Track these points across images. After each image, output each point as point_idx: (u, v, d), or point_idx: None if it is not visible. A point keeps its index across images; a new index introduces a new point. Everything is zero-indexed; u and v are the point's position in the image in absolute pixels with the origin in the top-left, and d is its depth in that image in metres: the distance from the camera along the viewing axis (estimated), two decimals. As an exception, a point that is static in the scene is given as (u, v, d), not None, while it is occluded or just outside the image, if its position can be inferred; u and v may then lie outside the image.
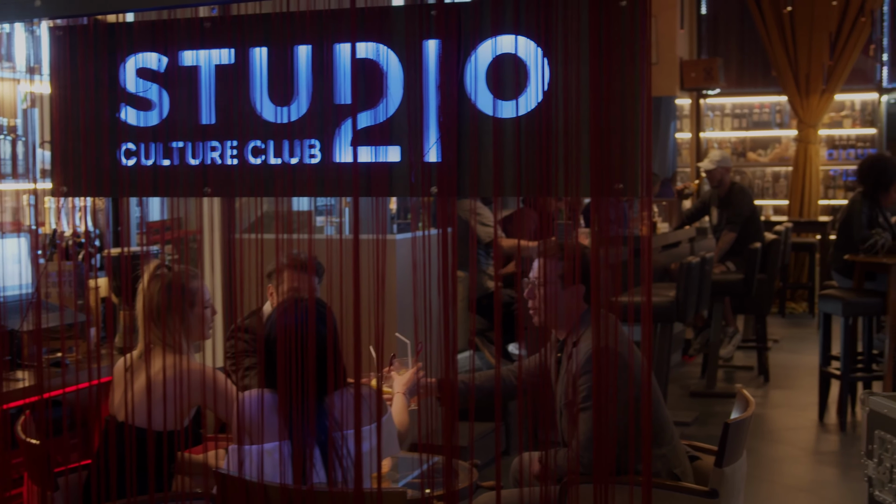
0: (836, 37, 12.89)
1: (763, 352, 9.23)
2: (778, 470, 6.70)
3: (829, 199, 13.57)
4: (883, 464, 3.19)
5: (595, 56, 2.59)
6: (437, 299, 2.74)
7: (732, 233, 9.14)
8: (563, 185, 2.65)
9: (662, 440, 3.90)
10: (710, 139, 13.88)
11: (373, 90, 2.78)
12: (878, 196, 7.90)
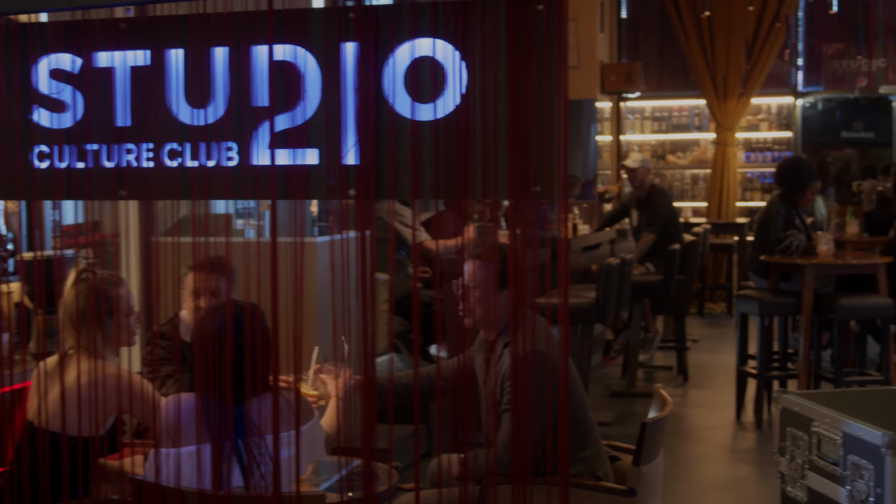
0: (753, 41, 13.09)
1: (682, 352, 9.34)
2: (696, 468, 6.79)
3: (747, 201, 13.78)
4: (795, 460, 3.24)
5: (512, 59, 2.61)
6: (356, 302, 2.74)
7: (652, 234, 9.24)
8: (481, 188, 2.66)
9: (587, 443, 3.93)
10: (630, 142, 14.03)
11: (290, 92, 2.77)
12: (795, 198, 8.03)
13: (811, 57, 13.72)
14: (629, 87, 12.96)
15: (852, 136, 15.25)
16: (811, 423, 3.17)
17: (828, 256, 7.63)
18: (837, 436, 3.04)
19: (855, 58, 13.47)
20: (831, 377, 7.56)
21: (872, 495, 2.89)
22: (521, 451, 2.74)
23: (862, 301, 7.49)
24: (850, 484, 2.97)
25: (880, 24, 13.59)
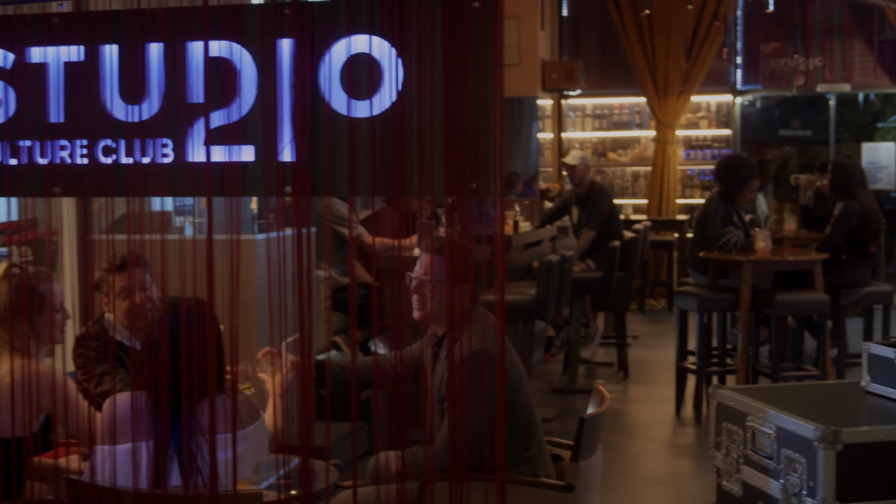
0: (692, 40, 13.20)
1: (623, 348, 9.40)
2: (636, 463, 6.84)
3: (687, 198, 13.89)
4: (730, 455, 3.28)
5: (448, 57, 2.61)
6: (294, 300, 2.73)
7: (592, 231, 9.29)
8: (418, 185, 2.66)
9: (530, 443, 3.94)
10: (571, 139, 14.09)
11: (226, 89, 2.75)
12: (734, 195, 8.11)
13: (750, 55, 13.86)
14: (570, 84, 13.02)
15: (790, 134, 15.44)
16: (746, 418, 3.20)
17: (765, 253, 7.72)
18: (771, 430, 3.07)
19: (792, 56, 13.62)
20: (769, 372, 7.65)
21: (805, 488, 2.92)
22: (459, 448, 2.74)
23: (799, 297, 7.58)
24: (783, 477, 3.01)
25: (817, 24, 13.76)
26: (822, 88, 13.68)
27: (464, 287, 3.92)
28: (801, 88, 13.74)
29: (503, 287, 2.65)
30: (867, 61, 13.73)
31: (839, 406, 3.35)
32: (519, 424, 3.86)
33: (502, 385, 2.70)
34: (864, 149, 14.48)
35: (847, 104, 15.56)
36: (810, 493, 2.90)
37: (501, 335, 2.70)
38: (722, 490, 3.35)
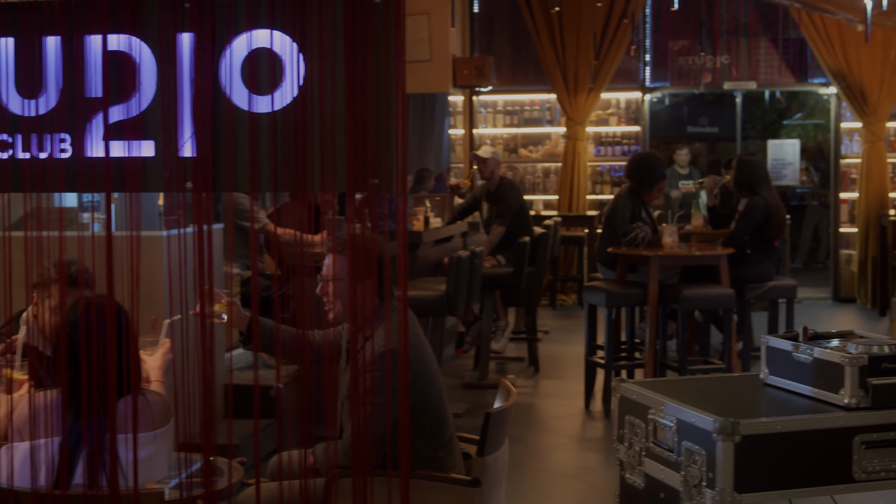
0: (602, 38, 13.33)
1: (533, 343, 9.46)
2: (545, 457, 6.89)
3: (597, 194, 14.02)
4: (633, 447, 3.32)
5: (350, 52, 2.60)
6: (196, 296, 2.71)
7: (502, 227, 9.33)
8: (320, 180, 2.65)
9: (441, 441, 3.95)
10: (482, 135, 14.14)
11: (125, 83, 2.72)
12: (643, 192, 8.21)
13: (658, 53, 14.03)
14: (481, 80, 13.07)
15: (698, 131, 15.68)
16: (648, 411, 3.24)
17: (672, 248, 7.82)
18: (672, 423, 3.12)
19: (700, 55, 13.82)
20: (676, 366, 7.75)
21: (705, 479, 2.97)
22: (363, 445, 2.74)
23: (705, 291, 7.70)
24: (684, 469, 3.05)
25: (724, 23, 13.97)
26: (728, 86, 13.89)
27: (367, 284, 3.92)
28: (708, 86, 13.94)
29: (406, 283, 2.66)
30: (773, 60, 13.96)
31: (738, 398, 3.41)
32: (429, 424, 3.86)
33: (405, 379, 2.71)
34: (769, 146, 14.73)
35: (753, 102, 15.84)
36: (710, 485, 2.95)
37: (404, 331, 2.70)
38: (625, 483, 3.39)
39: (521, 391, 8.65)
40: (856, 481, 3.07)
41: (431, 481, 3.76)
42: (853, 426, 3.06)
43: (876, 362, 3.13)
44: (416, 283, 7.80)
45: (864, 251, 13.26)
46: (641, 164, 8.36)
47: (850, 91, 13.14)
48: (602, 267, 8.45)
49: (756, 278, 8.29)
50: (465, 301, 7.55)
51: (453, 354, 9.97)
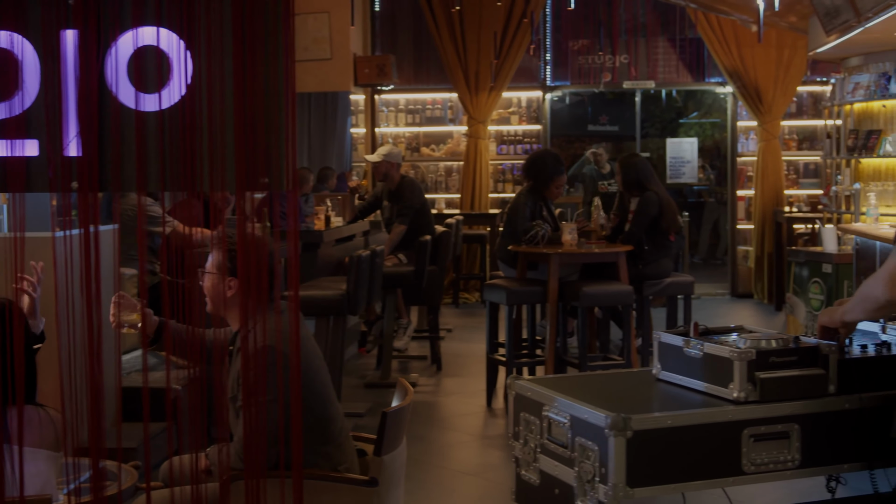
0: (502, 37, 13.40)
1: (436, 341, 9.48)
2: (448, 455, 6.90)
3: (499, 192, 14.09)
4: (528, 444, 3.34)
5: (239, 50, 2.58)
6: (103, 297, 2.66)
7: (402, 225, 9.32)
8: (209, 179, 2.62)
9: (328, 437, 3.93)
10: (384, 134, 14.13)
11: (7, 81, 2.65)
12: (542, 190, 8.27)
13: (558, 52, 14.15)
14: (382, 79, 13.05)
15: (599, 129, 15.84)
16: (542, 408, 3.26)
17: (572, 246, 7.88)
18: (565, 419, 3.14)
19: (599, 54, 13.97)
20: (576, 362, 7.82)
21: (598, 475, 3.00)
22: (254, 446, 2.72)
23: (604, 288, 7.77)
24: (577, 465, 3.07)
25: (622, 22, 14.13)
26: (628, 85, 14.06)
27: (231, 281, 3.90)
28: (608, 85, 14.10)
29: (297, 283, 2.64)
30: (670, 59, 14.17)
31: (631, 394, 3.44)
32: (314, 419, 3.84)
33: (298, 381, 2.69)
34: (668, 144, 14.96)
35: (652, 100, 16.05)
36: (602, 480, 2.98)
37: (296, 332, 2.69)
38: (520, 479, 3.41)
39: (423, 389, 8.66)
40: (745, 473, 3.12)
41: (328, 482, 3.74)
42: (742, 420, 3.10)
43: (764, 356, 3.19)
44: (317, 283, 7.76)
45: (760, 247, 13.52)
46: (535, 162, 8.43)
47: (745, 90, 13.38)
48: (503, 265, 8.49)
49: (654, 275, 8.40)
50: (366, 300, 7.53)
51: (356, 354, 9.94)
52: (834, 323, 3.38)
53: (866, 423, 3.25)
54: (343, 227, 9.50)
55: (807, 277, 9.57)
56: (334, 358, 7.28)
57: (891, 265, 3.14)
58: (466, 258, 13.56)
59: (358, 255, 7.21)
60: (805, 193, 13.79)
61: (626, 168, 8.54)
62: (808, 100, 14.06)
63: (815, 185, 13.76)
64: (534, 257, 7.99)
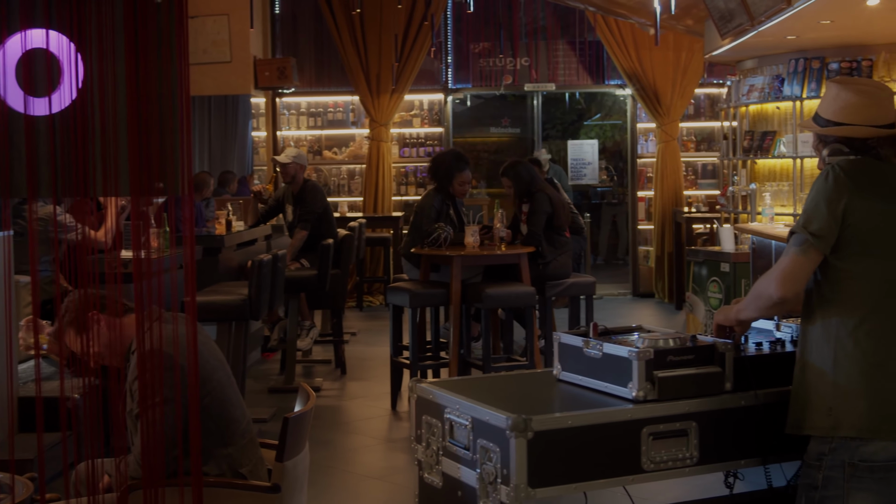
0: (404, 39, 13.40)
1: (340, 345, 9.44)
2: (351, 459, 6.88)
3: (402, 195, 14.09)
4: (430, 447, 3.33)
5: (131, 53, 2.54)
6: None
7: (304, 230, 9.26)
8: (102, 184, 2.58)
9: (229, 440, 3.88)
10: (286, 137, 14.04)
11: None
12: (447, 188, 8.29)
13: (459, 55, 14.19)
14: (283, 82, 12.97)
15: (500, 132, 15.92)
16: (444, 410, 3.27)
17: (474, 247, 7.91)
18: (467, 421, 3.14)
19: (500, 56, 14.04)
20: (481, 364, 7.84)
21: (499, 476, 3.00)
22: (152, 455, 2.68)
23: (507, 290, 7.81)
24: (479, 467, 3.08)
25: (523, 25, 14.23)
26: (529, 87, 14.16)
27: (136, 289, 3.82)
28: (509, 87, 14.18)
29: (194, 289, 2.61)
30: (571, 62, 14.30)
31: (532, 395, 3.46)
32: (212, 421, 3.80)
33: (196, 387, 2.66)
34: (569, 146, 15.09)
35: (553, 103, 16.17)
36: (504, 481, 2.99)
37: (193, 337, 2.65)
38: (424, 482, 3.40)
39: (327, 394, 8.62)
40: (645, 471, 3.15)
41: (229, 489, 3.70)
42: (641, 418, 3.13)
43: (662, 356, 3.22)
44: (219, 288, 7.69)
45: (660, 247, 13.71)
46: (434, 162, 8.49)
47: (644, 92, 13.56)
48: (409, 266, 8.49)
49: (555, 274, 8.46)
50: (269, 305, 7.48)
51: (259, 359, 9.86)
52: (729, 321, 3.44)
53: (762, 418, 3.31)
54: (244, 231, 9.42)
55: (706, 276, 9.73)
56: (237, 363, 7.21)
57: (783, 264, 3.20)
58: (370, 261, 13.54)
59: (260, 260, 7.15)
60: (703, 194, 14.02)
61: (515, 180, 8.60)
62: (706, 102, 14.30)
63: (712, 186, 14.00)
64: (436, 259, 8.00)
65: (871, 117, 3.31)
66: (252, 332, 8.63)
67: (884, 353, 3.14)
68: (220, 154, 13.11)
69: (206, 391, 3.81)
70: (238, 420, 3.93)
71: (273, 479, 3.76)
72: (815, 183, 3.24)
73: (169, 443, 3.05)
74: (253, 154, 13.66)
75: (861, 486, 3.14)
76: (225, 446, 3.83)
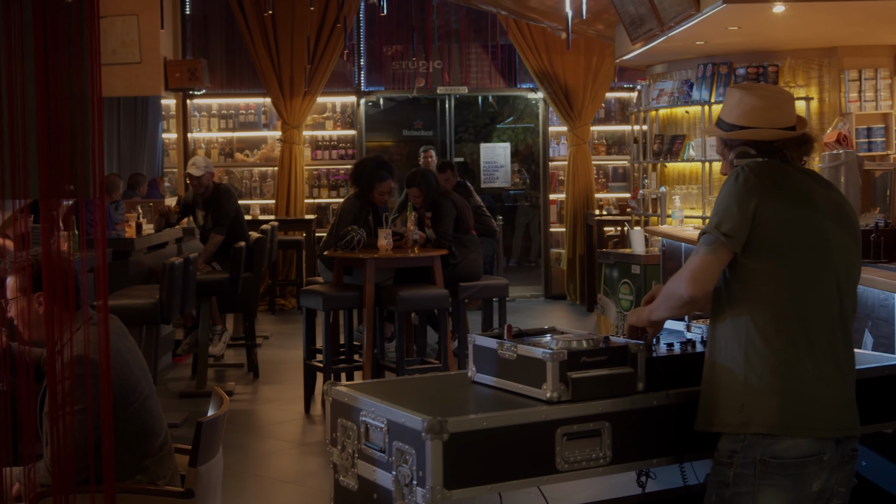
0: (316, 42, 13.35)
1: (252, 349, 9.38)
2: (265, 464, 6.84)
3: (315, 198, 14.04)
4: (346, 450, 3.33)
5: (41, 53, 2.50)
6: None
7: (220, 235, 9.17)
8: (10, 186, 2.53)
9: (147, 450, 3.83)
10: (197, 139, 13.90)
11: None
12: (367, 195, 8.26)
13: (372, 58, 14.18)
14: (194, 83, 12.84)
15: (413, 135, 15.91)
16: (359, 413, 3.26)
17: (387, 250, 7.90)
18: (382, 424, 3.14)
19: (413, 59, 14.06)
20: (395, 367, 7.84)
21: (415, 478, 3.01)
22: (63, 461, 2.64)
23: (420, 292, 7.82)
24: (395, 469, 3.08)
25: (436, 28, 14.26)
26: (441, 90, 14.20)
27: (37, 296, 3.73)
28: (421, 90, 14.20)
29: (106, 293, 2.57)
30: (483, 65, 14.37)
31: (448, 397, 3.47)
32: (133, 433, 3.75)
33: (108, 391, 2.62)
34: (482, 149, 15.14)
35: (466, 106, 16.21)
36: (420, 483, 2.99)
37: (105, 343, 2.62)
38: (339, 485, 3.40)
39: (240, 398, 8.55)
40: (559, 472, 3.17)
41: (142, 494, 3.66)
42: (555, 419, 3.16)
43: (575, 357, 3.25)
44: (129, 291, 7.59)
45: (572, 250, 13.83)
46: (356, 167, 8.46)
47: (556, 96, 13.67)
48: (324, 268, 8.47)
49: (467, 274, 8.49)
50: (181, 308, 7.40)
51: (171, 363, 9.75)
52: (642, 322, 3.48)
53: (674, 418, 3.35)
54: (154, 234, 9.31)
55: (617, 278, 9.84)
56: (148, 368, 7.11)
57: (693, 263, 3.25)
58: (282, 264, 13.46)
59: (171, 263, 7.08)
60: (614, 197, 14.17)
61: (424, 191, 8.61)
62: (616, 106, 14.46)
63: (623, 189, 14.16)
64: (350, 262, 7.98)
65: (775, 120, 3.39)
66: (163, 336, 8.54)
67: (793, 351, 3.21)
68: (129, 156, 12.94)
69: (129, 402, 3.76)
70: (157, 432, 3.89)
71: (186, 484, 3.72)
72: (725, 184, 3.30)
73: (81, 449, 3.02)
74: (163, 156, 13.50)
75: (771, 483, 3.20)
76: (143, 458, 3.78)
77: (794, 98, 3.54)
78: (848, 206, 3.46)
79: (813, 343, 3.22)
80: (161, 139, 13.39)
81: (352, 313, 8.38)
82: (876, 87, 9.68)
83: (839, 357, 3.27)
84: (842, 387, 3.27)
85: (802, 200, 3.29)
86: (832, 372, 3.24)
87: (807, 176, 3.41)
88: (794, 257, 3.23)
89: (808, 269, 3.24)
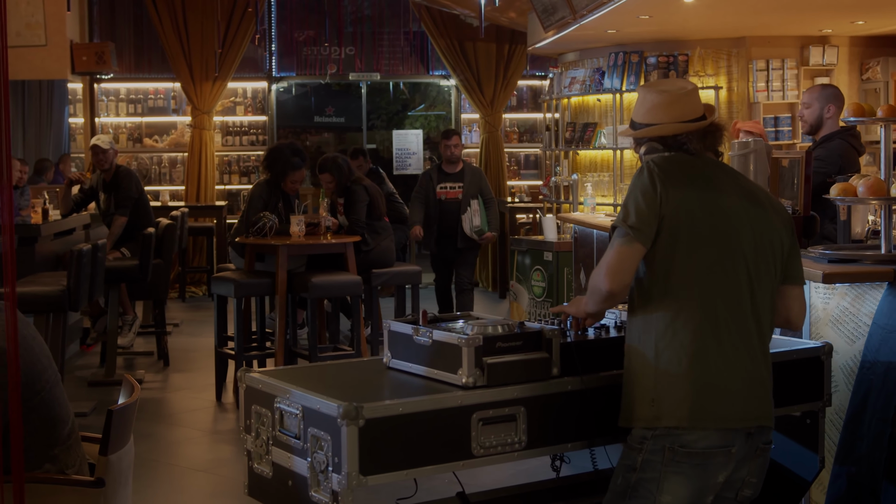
0: (227, 26, 13.22)
1: (162, 336, 9.27)
2: (177, 452, 6.77)
3: (226, 184, 13.92)
4: (260, 437, 3.31)
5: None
6: None
7: (123, 217, 9.05)
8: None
9: (56, 439, 3.76)
10: (105, 124, 13.69)
11: None
12: (278, 182, 8.19)
13: (284, 43, 14.08)
14: (101, 67, 12.63)
15: (325, 121, 15.85)
16: (274, 400, 3.24)
17: (300, 237, 7.86)
18: (297, 410, 3.13)
19: (325, 45, 13.99)
20: (307, 354, 7.80)
21: (331, 464, 3.00)
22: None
23: (333, 279, 7.78)
24: (310, 456, 3.07)
25: (348, 14, 14.20)
26: (354, 77, 14.16)
27: None
28: (334, 76, 14.15)
29: (14, 280, 2.52)
30: (396, 51, 14.34)
31: (363, 383, 3.46)
32: (40, 421, 3.68)
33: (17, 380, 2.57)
34: (394, 135, 15.13)
35: (378, 92, 16.19)
36: (336, 469, 2.98)
37: (14, 330, 2.56)
38: (253, 473, 3.38)
39: (150, 386, 8.45)
40: (475, 457, 3.18)
41: (51, 484, 3.59)
42: (471, 404, 3.17)
43: (490, 342, 3.26)
44: (36, 278, 7.45)
45: (484, 237, 13.86)
46: (270, 154, 8.38)
47: (468, 83, 13.71)
48: (235, 255, 8.39)
49: (379, 261, 8.48)
50: (89, 295, 7.28)
51: (79, 351, 9.60)
52: (580, 314, 3.49)
53: (588, 403, 3.38)
54: (61, 220, 9.15)
55: (529, 265, 9.90)
56: (55, 356, 6.97)
57: (609, 257, 3.28)
58: (193, 251, 13.33)
59: (78, 250, 6.96)
60: (526, 184, 14.26)
61: (339, 170, 8.56)
62: (528, 93, 14.53)
63: (535, 176, 14.24)
64: (262, 248, 7.92)
65: (677, 114, 3.44)
66: (70, 324, 8.40)
67: (700, 344, 3.24)
68: (34, 141, 12.69)
69: (34, 390, 3.68)
70: (65, 420, 3.81)
71: (97, 474, 3.66)
72: (633, 179, 3.35)
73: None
74: (70, 141, 13.27)
75: (677, 471, 3.24)
76: (52, 447, 3.71)
77: (698, 88, 3.60)
78: (760, 190, 3.52)
79: (721, 333, 3.26)
80: (67, 124, 13.16)
81: (264, 300, 8.31)
82: (783, 77, 9.85)
83: (751, 345, 3.31)
84: (754, 375, 3.31)
85: (707, 190, 3.34)
86: (743, 361, 3.28)
87: (714, 166, 3.46)
88: (699, 249, 3.27)
89: (714, 259, 3.28)
